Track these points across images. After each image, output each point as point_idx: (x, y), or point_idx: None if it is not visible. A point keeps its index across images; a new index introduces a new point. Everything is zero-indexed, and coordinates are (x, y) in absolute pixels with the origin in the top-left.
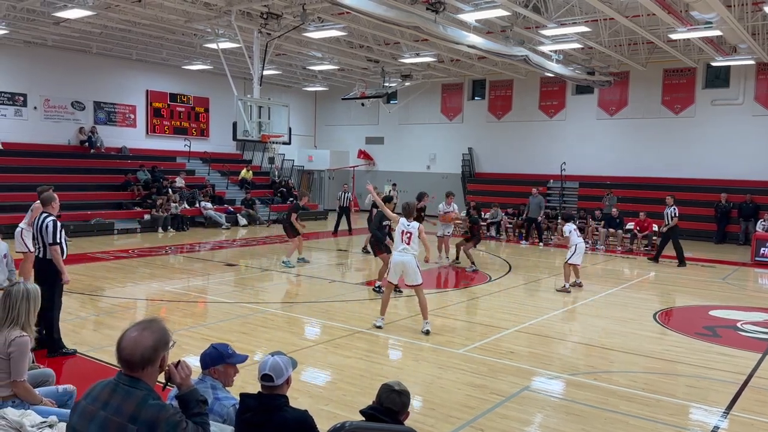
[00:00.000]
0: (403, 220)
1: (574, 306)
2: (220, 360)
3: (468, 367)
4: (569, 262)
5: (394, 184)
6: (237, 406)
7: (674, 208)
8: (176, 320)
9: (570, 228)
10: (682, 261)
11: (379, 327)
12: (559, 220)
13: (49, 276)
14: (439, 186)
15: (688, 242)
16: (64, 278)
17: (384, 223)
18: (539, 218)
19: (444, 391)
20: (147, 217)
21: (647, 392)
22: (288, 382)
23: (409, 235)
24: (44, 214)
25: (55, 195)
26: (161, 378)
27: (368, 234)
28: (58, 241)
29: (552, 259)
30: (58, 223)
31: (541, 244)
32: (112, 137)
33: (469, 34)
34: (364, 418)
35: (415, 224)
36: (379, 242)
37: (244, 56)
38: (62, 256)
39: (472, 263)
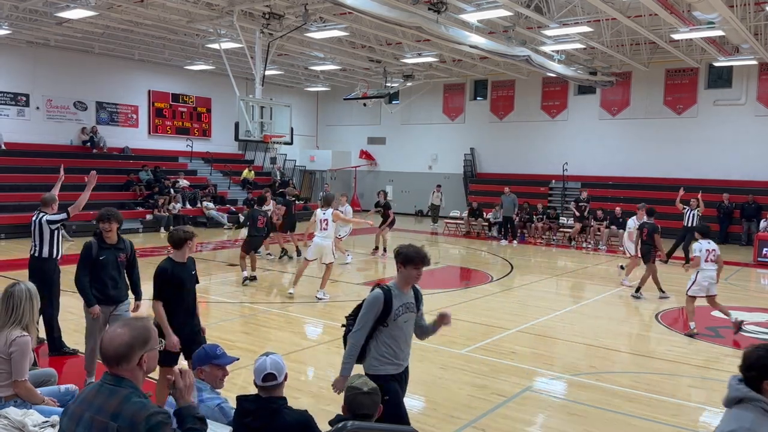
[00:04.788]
0: (318, 210)
1: (576, 306)
2: (206, 360)
3: (470, 368)
4: None
5: (439, 185)
6: (222, 406)
7: (699, 210)
8: None
9: None
10: (669, 257)
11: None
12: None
13: (45, 275)
14: (441, 186)
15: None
16: None
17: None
18: (514, 216)
19: (446, 391)
20: (149, 217)
21: (649, 393)
22: (285, 380)
23: (326, 222)
24: (41, 214)
25: (56, 197)
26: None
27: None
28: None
29: (554, 259)
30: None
31: (515, 242)
32: (115, 137)
33: (471, 35)
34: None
35: (330, 211)
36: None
37: (246, 56)
38: (58, 255)
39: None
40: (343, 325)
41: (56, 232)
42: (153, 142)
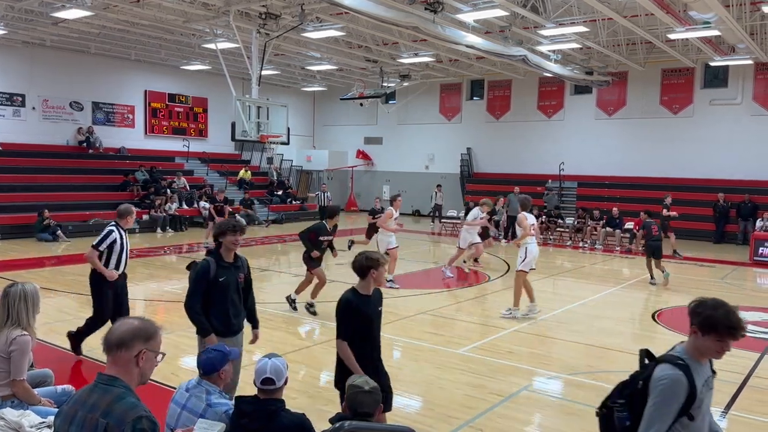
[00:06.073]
0: (529, 215)
1: (573, 306)
2: (225, 361)
3: (467, 367)
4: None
5: (439, 185)
6: (230, 413)
7: None
8: (175, 321)
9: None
10: None
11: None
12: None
13: (93, 285)
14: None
15: (686, 242)
16: (109, 277)
17: (321, 238)
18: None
19: (443, 391)
20: (146, 217)
21: None
22: (285, 383)
23: (534, 227)
24: (112, 223)
25: (133, 209)
26: None
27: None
28: (98, 247)
29: (551, 259)
30: (114, 235)
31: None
32: (111, 137)
33: (468, 34)
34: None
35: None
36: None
37: (242, 56)
38: (113, 266)
39: None
40: (598, 412)
41: (111, 248)
42: (149, 142)
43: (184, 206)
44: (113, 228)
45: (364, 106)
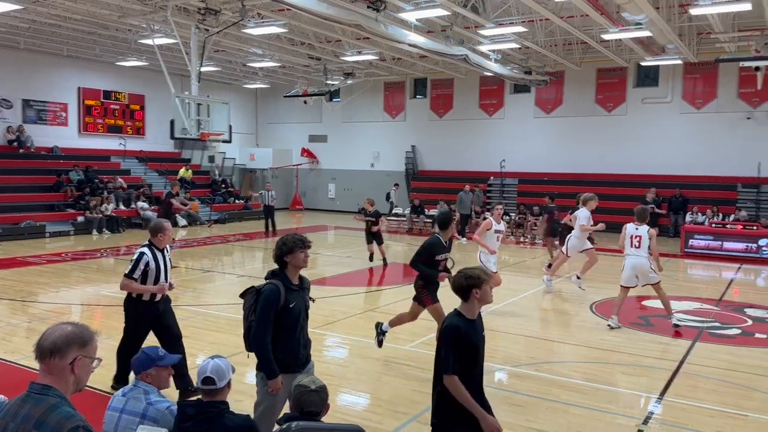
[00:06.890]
0: (630, 225)
1: (515, 299)
2: (150, 363)
3: (414, 363)
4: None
5: (396, 184)
6: (172, 409)
7: None
8: (114, 326)
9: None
10: None
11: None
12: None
13: (130, 317)
14: (383, 184)
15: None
16: (158, 291)
17: (438, 257)
18: (471, 213)
19: (390, 386)
20: (81, 219)
21: (586, 381)
22: (229, 386)
23: (638, 238)
24: (144, 244)
25: (165, 225)
26: None
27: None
28: (132, 275)
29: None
30: (146, 257)
31: (463, 239)
32: (43, 136)
33: (410, 33)
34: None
35: (645, 228)
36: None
37: (181, 52)
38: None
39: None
40: None
41: (146, 273)
42: (84, 141)
43: (122, 207)
44: (144, 250)
45: (308, 104)
